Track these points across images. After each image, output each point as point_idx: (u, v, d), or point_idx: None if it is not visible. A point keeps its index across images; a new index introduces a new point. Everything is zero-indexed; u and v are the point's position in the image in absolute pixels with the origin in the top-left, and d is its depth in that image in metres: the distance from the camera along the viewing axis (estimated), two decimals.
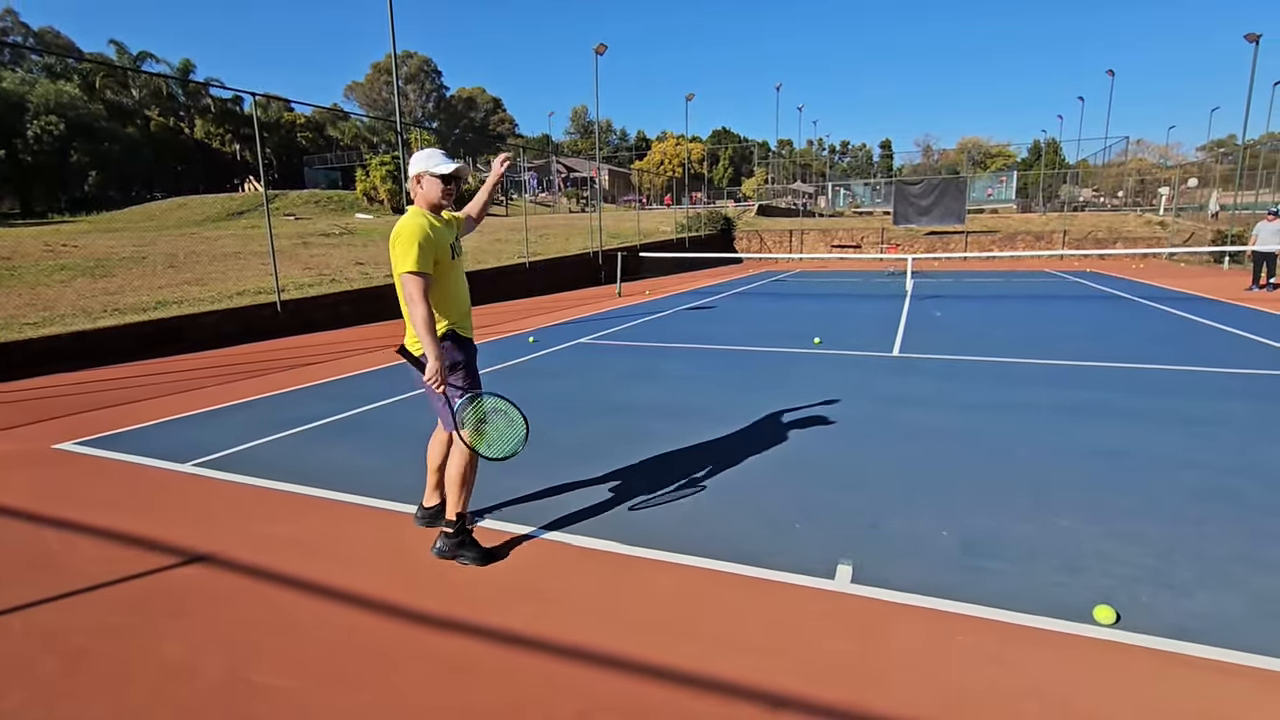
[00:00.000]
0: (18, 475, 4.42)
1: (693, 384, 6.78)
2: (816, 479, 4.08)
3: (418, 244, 2.80)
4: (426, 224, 2.87)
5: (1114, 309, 12.27)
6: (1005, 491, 3.84)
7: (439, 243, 2.90)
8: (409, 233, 2.81)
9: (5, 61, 47.58)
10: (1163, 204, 33.89)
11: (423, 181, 2.97)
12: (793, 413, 5.66)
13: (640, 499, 3.82)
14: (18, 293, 11.28)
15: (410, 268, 2.79)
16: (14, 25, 53.26)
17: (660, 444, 4.82)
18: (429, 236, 2.84)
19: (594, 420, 5.51)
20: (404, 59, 66.27)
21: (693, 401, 6.09)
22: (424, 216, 2.91)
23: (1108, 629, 2.52)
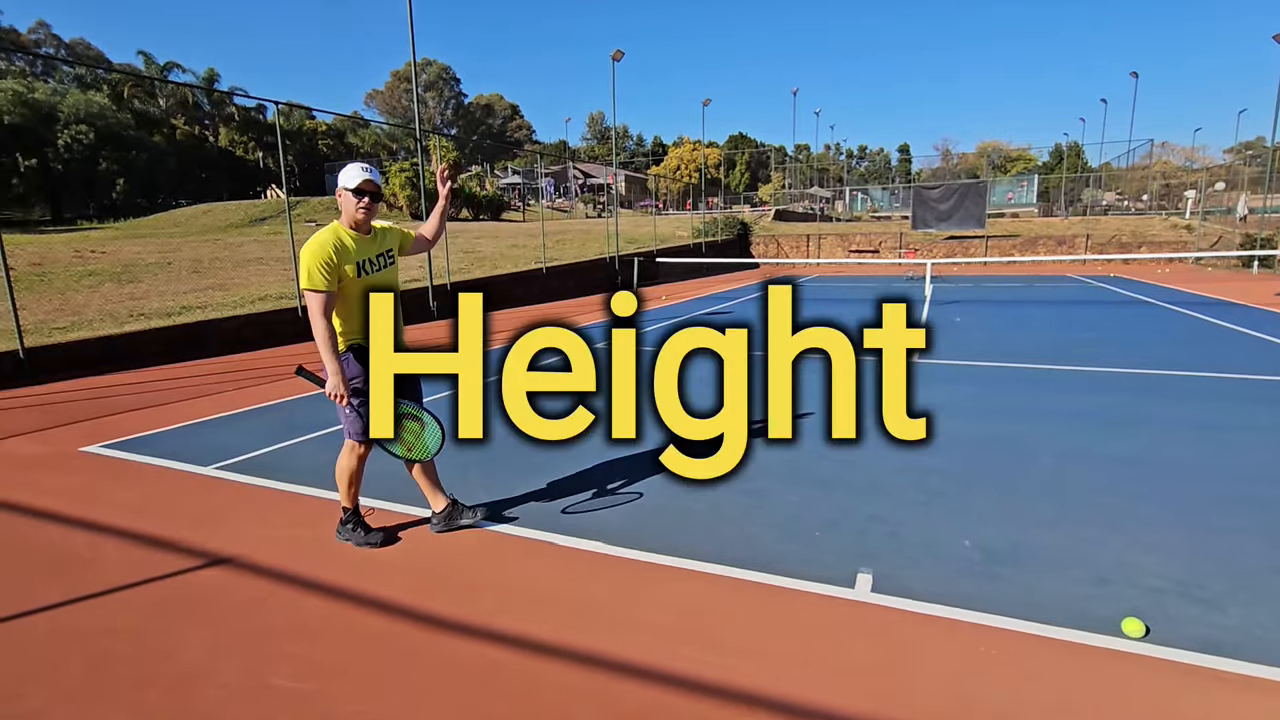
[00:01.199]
0: (46, 477, 4.50)
1: (709, 389, 6.74)
2: (834, 486, 4.04)
3: (312, 262, 2.91)
4: (332, 240, 2.96)
5: (1139, 314, 12.05)
6: (1028, 499, 3.77)
7: (344, 259, 2.98)
8: (307, 251, 2.94)
9: (38, 73, 48.85)
10: (1189, 207, 33.25)
11: (341, 196, 3.05)
12: (807, 420, 5.60)
13: (659, 506, 3.80)
14: (48, 298, 11.53)
15: (304, 285, 2.93)
16: (46, 37, 54.72)
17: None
18: (329, 254, 2.92)
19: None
20: (423, 66, 67.08)
21: (708, 406, 6.04)
22: (334, 233, 3.01)
23: (1137, 642, 2.45)
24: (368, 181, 3.02)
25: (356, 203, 3.02)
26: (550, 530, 3.48)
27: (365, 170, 3.03)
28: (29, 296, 11.18)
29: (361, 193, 3.02)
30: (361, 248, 3.08)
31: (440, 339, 3.17)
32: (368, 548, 3.26)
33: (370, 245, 3.14)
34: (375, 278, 3.14)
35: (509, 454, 4.78)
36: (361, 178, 3.01)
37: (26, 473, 4.60)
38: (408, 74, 63.06)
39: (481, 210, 36.84)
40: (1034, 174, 45.56)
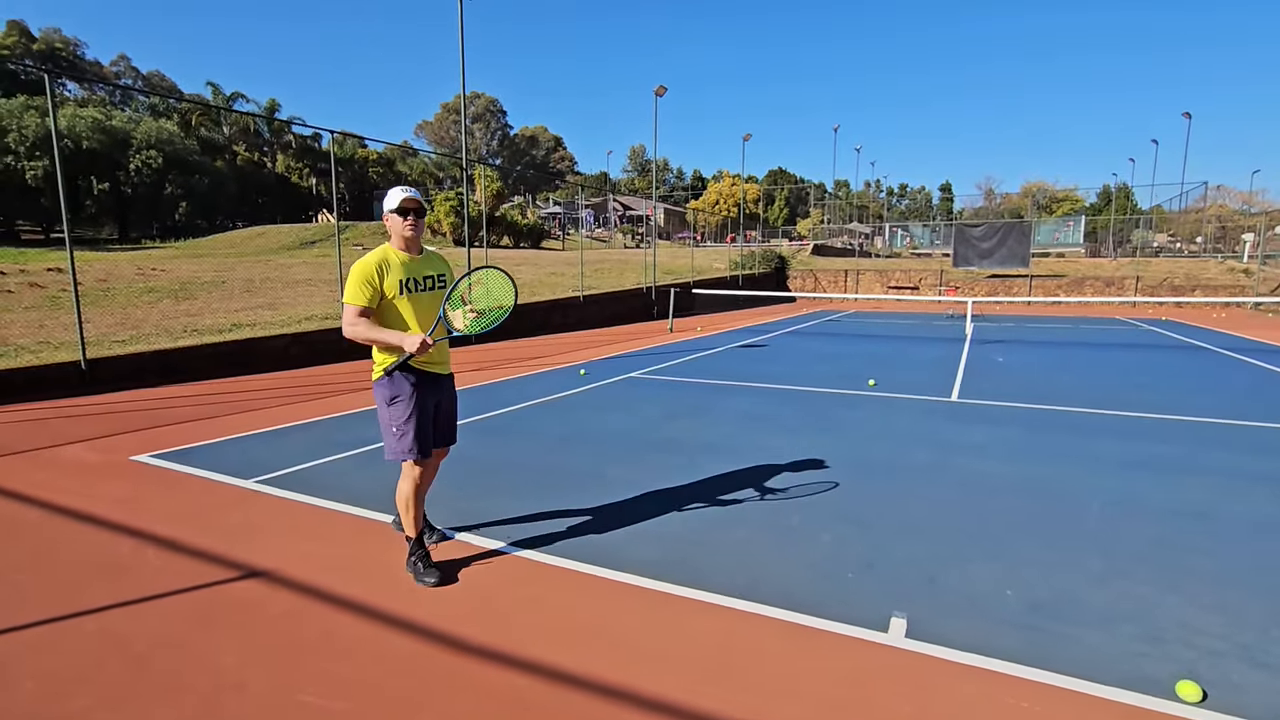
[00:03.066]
0: (98, 484, 4.68)
1: (744, 423, 6.70)
2: (871, 527, 3.95)
3: (355, 278, 3.03)
4: (377, 260, 3.06)
5: (1195, 359, 11.60)
6: (1074, 550, 3.62)
7: (387, 276, 3.06)
8: (354, 268, 3.05)
9: (116, 101, 52.03)
10: (1246, 250, 32.09)
11: (388, 220, 3.14)
12: (847, 456, 5.51)
13: (691, 540, 3.76)
14: (110, 312, 12.10)
15: (346, 299, 3.06)
16: (125, 69, 58.38)
17: (711, 484, 4.76)
18: (371, 272, 3.02)
19: (644, 456, 5.49)
20: (472, 99, 69.44)
21: (744, 441, 6.00)
22: (382, 253, 3.11)
23: (1193, 707, 2.32)
24: (409, 199, 3.09)
25: (403, 222, 3.10)
26: (582, 560, 3.46)
27: (404, 190, 3.11)
28: (93, 310, 11.76)
29: (405, 211, 3.09)
30: (408, 267, 3.14)
31: (479, 362, 3.23)
32: (423, 586, 3.16)
33: (418, 266, 3.19)
34: (421, 298, 3.18)
35: (537, 479, 4.81)
36: (402, 196, 3.09)
37: (79, 479, 4.79)
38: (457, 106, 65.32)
39: (522, 238, 37.61)
40: (1081, 215, 44.62)
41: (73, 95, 50.63)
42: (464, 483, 4.72)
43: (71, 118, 39.91)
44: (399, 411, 3.15)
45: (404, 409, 3.14)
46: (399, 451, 3.17)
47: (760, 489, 4.63)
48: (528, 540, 3.68)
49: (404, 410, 3.14)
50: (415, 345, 2.93)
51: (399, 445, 3.17)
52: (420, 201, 3.15)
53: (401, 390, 3.14)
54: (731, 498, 4.44)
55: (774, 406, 7.50)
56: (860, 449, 5.74)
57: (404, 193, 3.10)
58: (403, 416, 3.14)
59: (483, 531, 3.81)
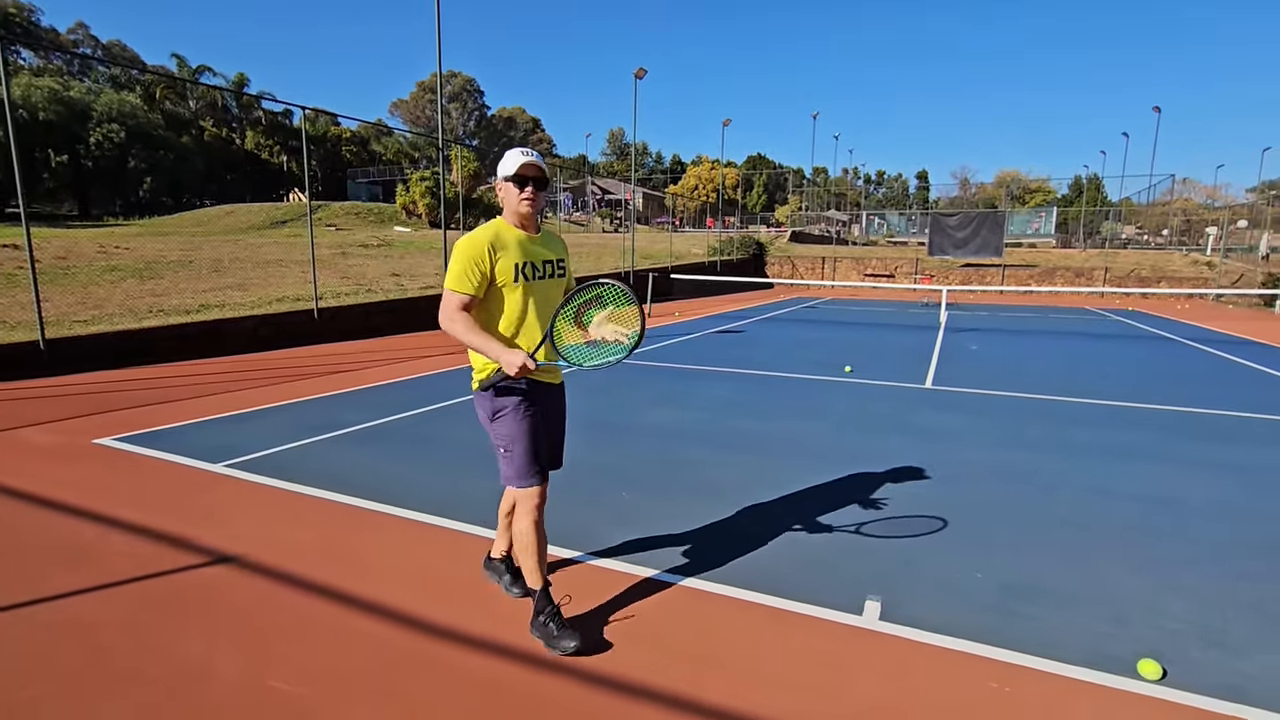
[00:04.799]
0: (57, 467, 4.54)
1: (721, 408, 6.72)
2: (847, 512, 3.98)
3: (460, 259, 2.47)
4: (488, 238, 2.49)
5: (1160, 349, 11.90)
6: (1045, 534, 3.70)
7: (500, 258, 2.48)
8: (458, 246, 2.49)
9: (74, 71, 50.08)
10: (1210, 244, 32.96)
11: (501, 189, 2.58)
12: (823, 442, 5.56)
13: (667, 525, 3.76)
14: (70, 291, 11.71)
15: (450, 285, 2.48)
16: (84, 38, 56.15)
17: (690, 469, 4.77)
18: (482, 252, 2.46)
19: (624, 442, 5.48)
20: (448, 78, 68.12)
21: (723, 427, 6.02)
22: (493, 229, 2.54)
23: (1153, 684, 2.38)
24: (529, 165, 2.51)
25: (519, 193, 2.52)
26: (557, 545, 3.44)
27: (525, 153, 2.52)
28: (52, 289, 11.36)
29: (523, 180, 2.51)
30: (525, 248, 2.56)
31: (455, 345, 3.13)
32: (558, 651, 2.50)
33: (536, 248, 2.61)
34: (537, 286, 2.59)
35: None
36: (521, 161, 2.50)
37: (39, 462, 4.64)
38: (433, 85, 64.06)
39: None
40: (1053, 206, 45.39)
41: (27, 64, 48.58)
42: (442, 464, 4.67)
43: (26, 87, 38.32)
44: (507, 427, 2.59)
45: (512, 424, 2.58)
46: (509, 475, 2.62)
47: (738, 474, 4.65)
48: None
49: (512, 425, 2.58)
50: (515, 367, 2.37)
51: (510, 468, 2.61)
52: (543, 169, 2.56)
53: (505, 402, 2.59)
54: (708, 483, 4.44)
55: (751, 392, 7.54)
56: (836, 435, 5.79)
57: (523, 156, 2.51)
58: (511, 433, 2.59)
59: (460, 515, 3.76)
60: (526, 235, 2.59)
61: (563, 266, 2.73)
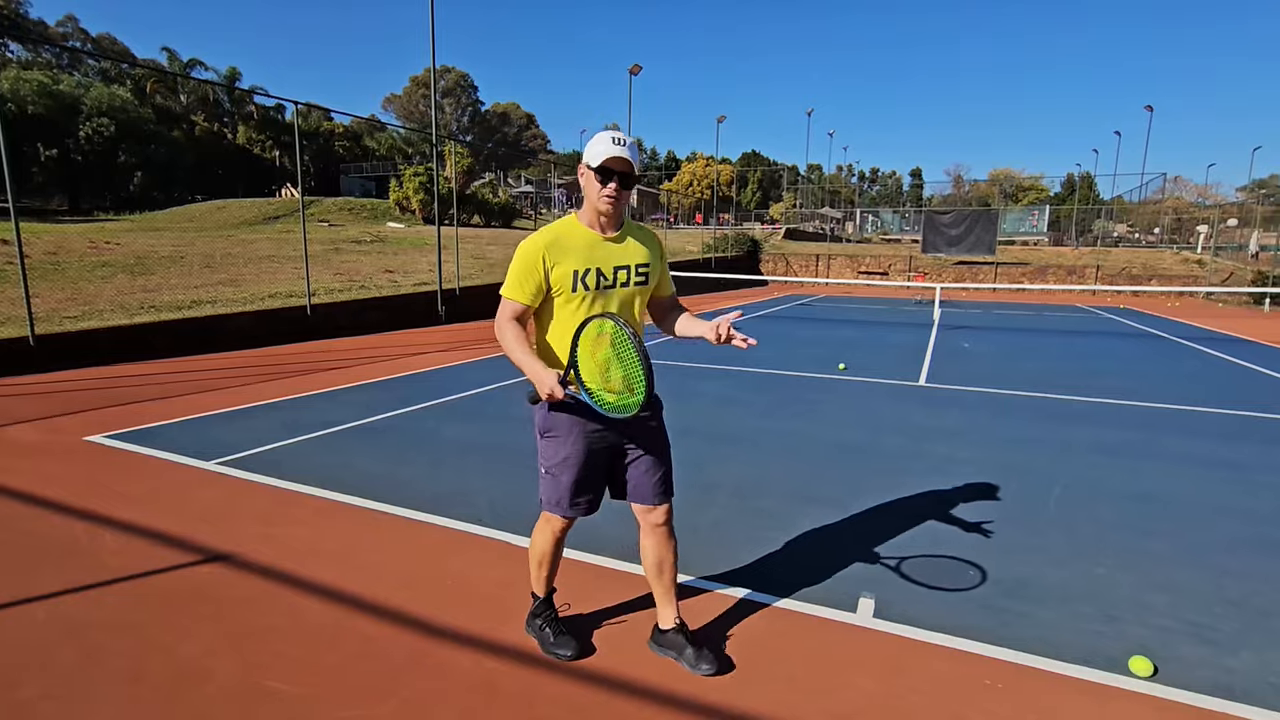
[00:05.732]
0: (49, 465, 4.50)
1: (716, 405, 6.73)
2: (840, 509, 4.00)
3: (516, 264, 2.19)
4: (547, 240, 2.18)
5: (1151, 347, 11.98)
6: (1038, 532, 3.72)
7: (558, 262, 2.17)
8: (521, 248, 2.21)
9: (64, 65, 49.55)
10: (1201, 242, 33.19)
11: (584, 176, 2.22)
12: (817, 440, 5.58)
13: None
14: (60, 287, 11.61)
15: (504, 291, 2.21)
16: (74, 31, 55.57)
17: (683, 467, 4.76)
18: (538, 257, 2.16)
19: None
20: (442, 73, 67.76)
21: (716, 423, 6.03)
22: (556, 230, 2.23)
23: (1144, 681, 2.40)
24: (616, 158, 2.12)
25: (600, 189, 2.16)
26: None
27: (616, 141, 2.13)
28: (42, 285, 11.27)
29: (607, 173, 2.14)
30: (594, 251, 2.22)
31: (448, 342, 3.12)
32: (553, 656, 2.46)
33: (610, 251, 2.24)
34: (607, 297, 2.24)
35: (508, 460, 4.76)
36: (609, 152, 2.11)
37: (28, 460, 4.60)
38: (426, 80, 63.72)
39: (493, 217, 37.05)
40: (1045, 204, 45.59)
41: (15, 57, 48.06)
42: (435, 463, 4.66)
43: (15, 80, 37.94)
44: (555, 449, 2.32)
45: (562, 447, 2.30)
46: (545, 499, 2.37)
47: (731, 472, 4.66)
48: (500, 523, 3.65)
49: (562, 448, 2.30)
50: (545, 391, 2.08)
51: (546, 491, 2.36)
52: (633, 164, 2.17)
53: (557, 423, 2.29)
54: (703, 481, 4.45)
55: (745, 390, 7.55)
56: (830, 433, 5.81)
57: (613, 145, 2.12)
58: (558, 456, 2.31)
59: (456, 512, 3.76)
60: (600, 236, 2.24)
61: (644, 273, 2.30)
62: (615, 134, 2.14)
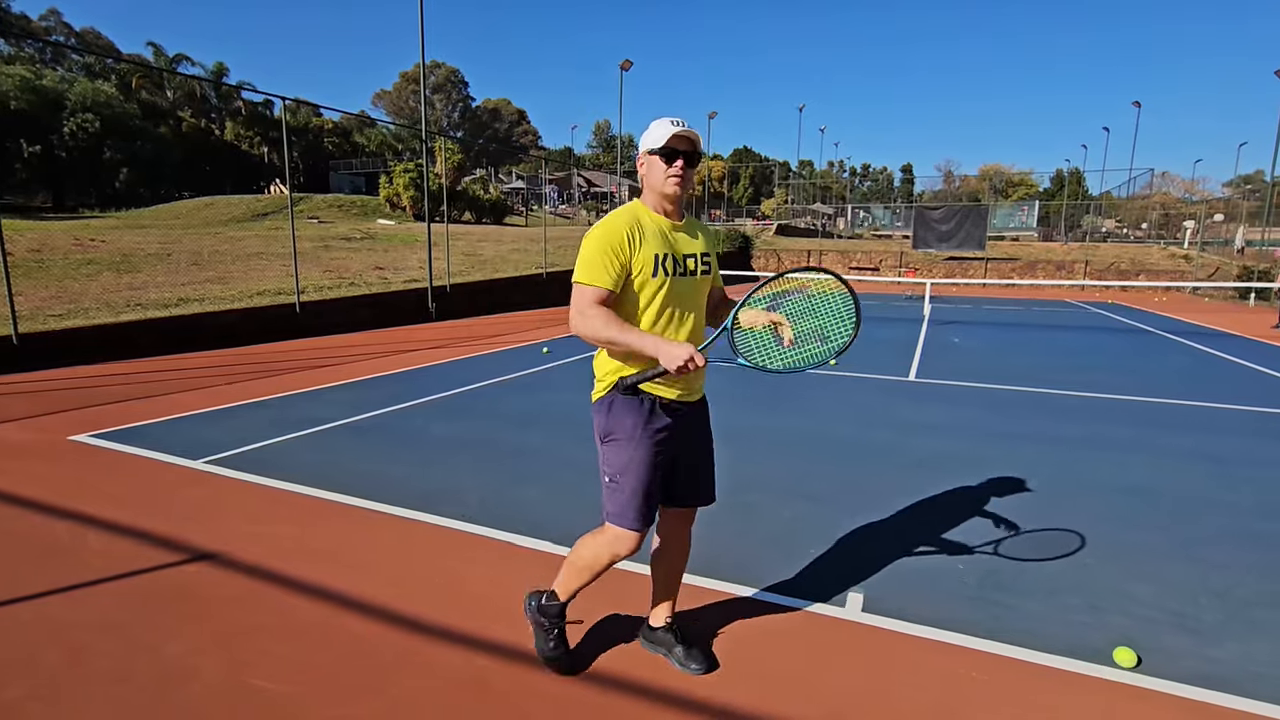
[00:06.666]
0: (34, 465, 4.46)
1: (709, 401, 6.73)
2: (830, 504, 4.02)
3: (595, 248, 2.06)
4: (628, 222, 2.09)
5: (1138, 342, 12.08)
6: (1024, 525, 3.75)
7: (640, 248, 2.08)
8: (595, 233, 2.09)
9: (47, 60, 48.92)
10: (1187, 237, 33.51)
11: (645, 164, 2.17)
12: (807, 434, 5.59)
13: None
14: (45, 285, 11.49)
15: (579, 277, 2.08)
16: (57, 25, 54.85)
17: None
18: (621, 239, 2.05)
19: None
20: (432, 69, 67.37)
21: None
22: (632, 213, 2.13)
23: (1128, 672, 2.43)
24: (679, 137, 2.08)
25: (666, 169, 2.11)
26: (543, 538, 3.44)
27: (676, 122, 2.09)
28: (26, 283, 11.14)
29: (673, 154, 2.09)
30: (667, 238, 2.15)
31: (439, 339, 3.10)
32: (546, 664, 2.38)
33: (680, 237, 2.19)
34: (681, 284, 2.16)
35: (500, 457, 4.76)
36: (672, 132, 2.07)
37: (13, 460, 4.55)
38: (416, 75, 63.32)
39: (484, 213, 36.90)
40: (1035, 200, 45.88)
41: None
42: (424, 461, 4.65)
43: None
44: (617, 454, 2.16)
45: (624, 451, 2.15)
46: (610, 512, 2.20)
47: (720, 467, 4.65)
48: (490, 519, 3.64)
49: (624, 453, 2.15)
50: (679, 362, 1.91)
51: (611, 502, 2.20)
52: (697, 141, 2.12)
53: (623, 423, 2.15)
54: None
55: (736, 384, 7.56)
56: (821, 427, 5.83)
57: (673, 126, 2.08)
58: (618, 463, 2.17)
59: (445, 510, 3.75)
60: (670, 223, 2.18)
61: (708, 262, 2.27)
62: (672, 118, 2.11)
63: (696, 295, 2.23)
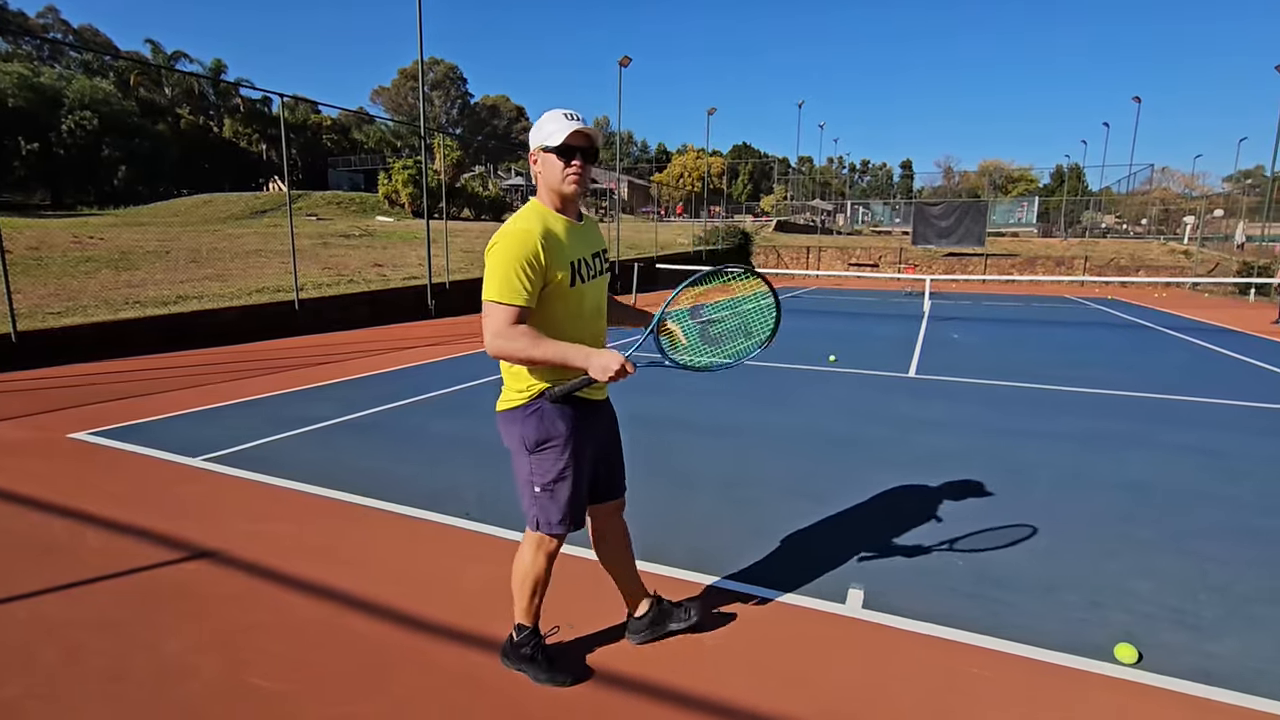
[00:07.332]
0: (32, 463, 4.45)
1: (708, 398, 6.72)
2: (830, 501, 4.01)
3: (510, 261, 1.90)
4: (539, 229, 1.95)
5: (1138, 337, 12.08)
6: (1024, 521, 3.74)
7: (555, 256, 1.97)
8: (502, 244, 1.93)
9: (44, 57, 48.78)
10: (1187, 233, 33.48)
11: (539, 162, 2.04)
12: (806, 431, 5.59)
13: (653, 514, 3.76)
14: (43, 283, 11.46)
15: (494, 296, 1.91)
16: (54, 22, 54.70)
17: (669, 460, 4.77)
18: (534, 249, 1.92)
19: None
20: (430, 65, 67.22)
21: (705, 416, 6.03)
22: (539, 218, 1.99)
23: (1129, 668, 2.43)
24: (577, 133, 1.95)
25: (564, 168, 1.99)
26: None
27: (571, 116, 1.97)
28: (25, 280, 11.12)
29: (570, 151, 1.97)
30: (575, 241, 2.05)
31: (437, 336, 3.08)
32: (553, 685, 2.27)
33: (584, 239, 2.10)
34: (590, 288, 2.12)
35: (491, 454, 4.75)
36: (568, 128, 1.94)
37: (11, 457, 4.55)
38: (415, 72, 63.14)
39: (483, 210, 36.86)
40: (1034, 196, 45.83)
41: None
42: (422, 459, 4.64)
43: None
44: (548, 463, 2.11)
45: (555, 460, 2.11)
46: (544, 521, 2.16)
47: (720, 465, 4.66)
48: (489, 517, 3.63)
49: (556, 461, 2.11)
50: (611, 372, 1.88)
51: (544, 512, 2.15)
52: (594, 137, 2.01)
53: (555, 430, 2.08)
54: (690, 472, 4.45)
55: (734, 382, 7.55)
56: (820, 424, 5.82)
57: (569, 121, 1.95)
58: (553, 471, 2.11)
59: (443, 508, 3.74)
60: (570, 223, 2.06)
61: (606, 259, 2.24)
62: (566, 111, 2.00)
63: (601, 294, 2.24)
